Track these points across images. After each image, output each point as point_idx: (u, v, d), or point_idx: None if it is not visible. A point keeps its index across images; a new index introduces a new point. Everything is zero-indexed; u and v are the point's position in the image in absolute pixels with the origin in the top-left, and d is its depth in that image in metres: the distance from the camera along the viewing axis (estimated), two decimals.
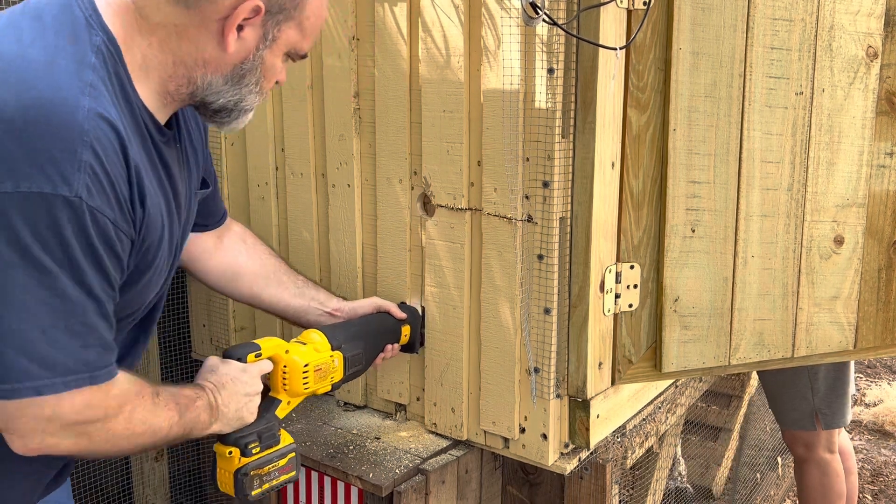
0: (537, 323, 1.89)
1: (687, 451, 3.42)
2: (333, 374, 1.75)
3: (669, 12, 1.87)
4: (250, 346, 1.59)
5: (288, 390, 1.66)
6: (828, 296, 2.13)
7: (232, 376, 1.52)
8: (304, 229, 2.30)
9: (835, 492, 2.91)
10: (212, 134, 2.46)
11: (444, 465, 2.02)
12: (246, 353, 1.58)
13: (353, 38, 2.09)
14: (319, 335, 1.74)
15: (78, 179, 1.11)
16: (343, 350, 1.77)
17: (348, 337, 1.80)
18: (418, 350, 2.03)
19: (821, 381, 2.78)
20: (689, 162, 1.94)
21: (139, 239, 1.26)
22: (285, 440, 1.65)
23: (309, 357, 1.69)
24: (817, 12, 1.97)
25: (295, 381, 1.66)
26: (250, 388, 1.54)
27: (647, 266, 1.98)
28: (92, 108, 1.13)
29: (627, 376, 2.02)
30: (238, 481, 1.55)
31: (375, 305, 1.97)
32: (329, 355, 1.73)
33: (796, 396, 2.81)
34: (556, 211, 1.83)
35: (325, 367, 1.72)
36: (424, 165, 2.00)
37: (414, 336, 2.00)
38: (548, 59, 1.77)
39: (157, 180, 1.32)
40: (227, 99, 1.33)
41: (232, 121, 1.38)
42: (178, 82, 1.29)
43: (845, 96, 2.05)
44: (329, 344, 1.74)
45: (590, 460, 2.06)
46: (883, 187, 2.14)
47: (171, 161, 1.37)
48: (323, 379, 1.72)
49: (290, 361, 1.65)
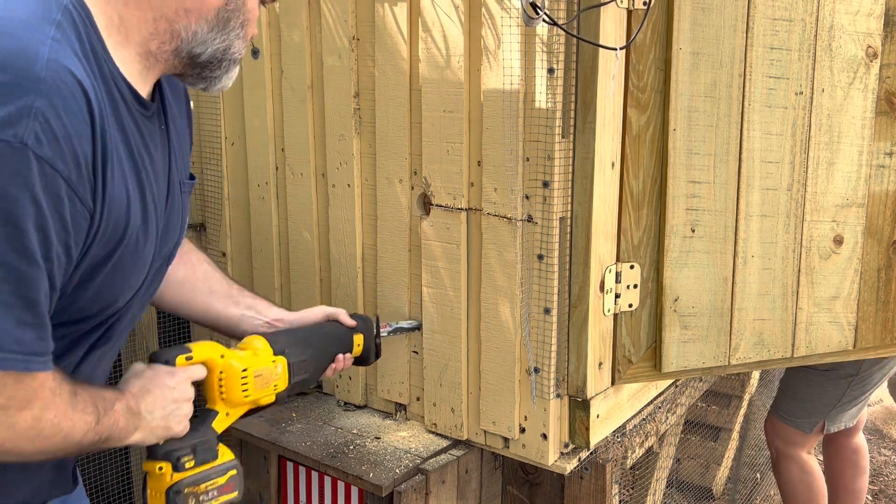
0: (537, 323, 1.89)
1: (687, 451, 3.42)
2: (277, 382, 1.55)
3: (669, 12, 1.87)
4: (180, 348, 1.42)
5: (226, 399, 1.47)
6: (827, 296, 2.14)
7: (158, 381, 1.34)
8: (304, 229, 2.30)
9: (815, 490, 2.91)
10: (212, 134, 2.47)
11: (444, 464, 2.02)
12: (174, 356, 1.39)
13: (354, 38, 2.09)
14: (260, 340, 1.57)
15: (25, 126, 0.98)
16: (287, 355, 1.58)
17: (293, 342, 1.62)
18: (372, 361, 1.85)
19: (844, 409, 2.78)
20: (689, 162, 1.94)
21: (101, 215, 1.10)
22: (225, 456, 1.48)
23: (248, 362, 1.50)
24: (817, 12, 1.98)
25: (233, 389, 1.47)
26: (178, 393, 1.36)
27: (647, 266, 1.98)
28: (53, 60, 1.02)
29: (627, 376, 2.02)
30: (170, 501, 1.37)
31: (324, 313, 1.80)
32: (271, 360, 1.55)
33: (819, 401, 2.78)
34: (556, 211, 1.83)
35: (267, 372, 1.53)
36: (424, 165, 2.00)
37: (368, 347, 1.82)
38: (548, 59, 1.77)
39: (133, 153, 1.19)
40: (216, 47, 1.24)
41: (222, 75, 1.28)
42: (160, 39, 1.19)
43: (845, 96, 2.05)
44: (271, 348, 1.56)
45: (590, 460, 2.06)
46: (882, 187, 2.14)
47: (151, 137, 1.27)
48: (265, 386, 1.53)
49: (226, 366, 1.46)
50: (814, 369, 2.74)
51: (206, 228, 2.57)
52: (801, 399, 2.84)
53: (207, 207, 2.54)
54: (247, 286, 1.79)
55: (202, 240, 2.58)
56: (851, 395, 2.76)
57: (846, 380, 2.73)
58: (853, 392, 2.76)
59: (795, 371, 2.86)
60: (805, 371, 2.79)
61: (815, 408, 2.80)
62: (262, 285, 2.44)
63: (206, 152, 2.50)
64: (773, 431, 2.94)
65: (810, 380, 2.79)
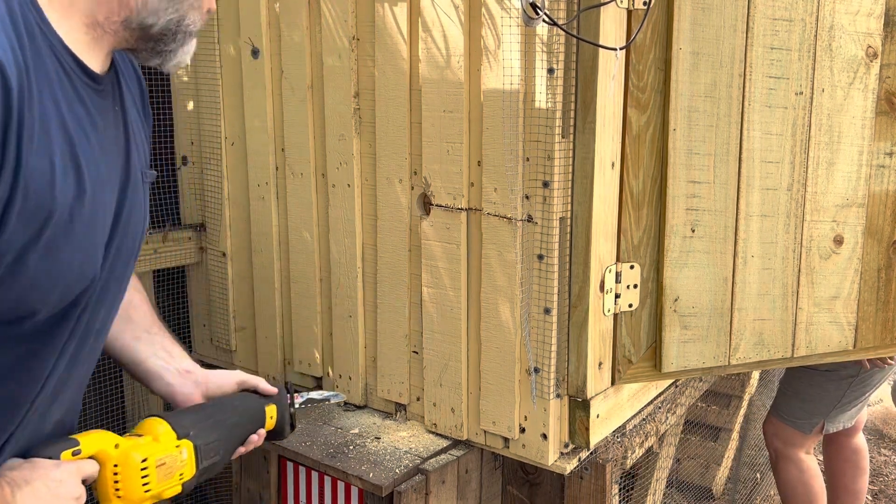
0: (537, 323, 1.89)
1: (687, 451, 3.42)
2: (183, 470, 1.35)
3: (669, 12, 1.87)
4: (65, 441, 1.21)
5: (123, 496, 1.26)
6: (827, 296, 2.13)
7: (40, 472, 1.14)
8: (304, 229, 2.30)
9: (814, 491, 2.90)
10: (212, 134, 2.47)
11: (444, 464, 2.02)
12: (59, 451, 1.18)
13: (353, 38, 2.09)
14: (161, 423, 1.35)
15: None
16: (192, 438, 1.37)
17: (198, 421, 1.41)
18: (287, 435, 1.63)
19: (844, 409, 2.77)
20: (689, 162, 1.94)
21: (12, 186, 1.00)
22: None
23: (148, 450, 1.29)
24: (817, 12, 1.98)
25: (131, 484, 1.26)
26: (65, 489, 1.14)
27: (647, 266, 1.98)
28: None
29: (627, 376, 2.02)
30: None
31: (238, 381, 1.57)
32: (175, 445, 1.34)
33: (820, 402, 2.78)
34: (556, 211, 1.83)
35: (171, 460, 1.33)
36: (424, 165, 2.00)
37: (282, 419, 1.59)
38: (548, 59, 1.77)
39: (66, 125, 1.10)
40: (169, 17, 1.16)
41: (177, 48, 1.20)
42: (108, 8, 1.12)
43: (845, 96, 2.05)
44: (174, 432, 1.35)
45: (590, 460, 2.06)
46: (882, 187, 2.14)
47: (102, 114, 1.18)
48: (169, 476, 1.32)
49: (122, 457, 1.26)
50: (815, 370, 2.74)
51: (206, 228, 2.57)
52: (801, 399, 2.83)
53: (207, 207, 2.54)
54: (170, 331, 1.59)
55: (202, 239, 2.58)
56: (851, 396, 2.76)
57: (846, 380, 2.73)
58: (853, 393, 2.76)
59: (796, 371, 2.85)
60: (806, 371, 2.79)
61: (816, 408, 2.80)
62: (262, 285, 2.44)
63: (206, 152, 2.50)
64: (772, 432, 2.94)
65: (811, 380, 2.79)
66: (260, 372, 2.51)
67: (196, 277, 2.64)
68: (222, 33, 2.39)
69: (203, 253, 2.59)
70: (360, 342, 2.24)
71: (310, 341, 2.36)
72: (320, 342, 2.34)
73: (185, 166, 2.58)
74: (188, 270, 2.66)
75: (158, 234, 2.50)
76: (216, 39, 2.40)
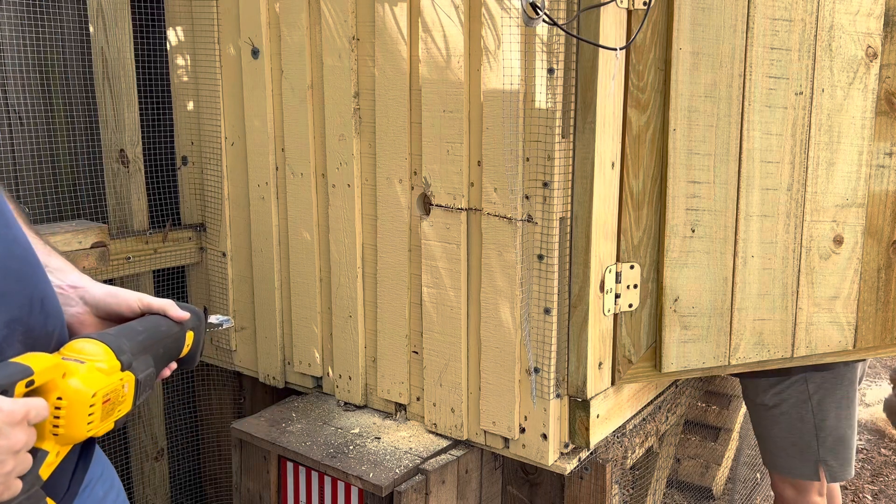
0: (537, 323, 1.89)
1: (687, 451, 3.42)
2: (121, 406, 1.13)
3: (669, 12, 1.87)
4: (15, 366, 0.97)
5: (61, 435, 1.03)
6: (827, 296, 2.14)
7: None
8: (304, 229, 2.30)
9: None
10: (212, 134, 2.47)
11: (444, 464, 2.02)
12: (13, 382, 0.95)
13: (353, 38, 2.09)
14: (100, 346, 1.11)
15: None
16: (134, 370, 1.16)
17: (138, 349, 1.18)
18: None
19: (826, 430, 2.47)
20: (689, 162, 1.94)
21: None
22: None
23: (97, 383, 1.07)
24: (817, 12, 1.98)
25: (75, 421, 1.04)
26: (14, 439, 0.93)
27: (647, 266, 1.98)
28: None
29: (627, 376, 2.02)
30: None
31: (144, 304, 1.28)
32: (119, 378, 1.12)
33: (798, 442, 2.50)
34: (556, 211, 1.83)
35: (115, 396, 1.11)
36: (424, 165, 2.00)
37: (195, 346, 1.37)
38: (548, 59, 1.77)
39: None
40: None
41: None
42: None
43: (845, 96, 2.05)
44: (118, 361, 1.12)
45: (590, 460, 2.06)
46: (882, 187, 2.14)
47: None
48: (109, 414, 1.11)
49: (71, 391, 1.03)
50: (763, 408, 2.53)
51: (206, 228, 2.57)
52: (778, 446, 2.58)
53: (207, 207, 2.54)
54: (49, 242, 1.31)
55: (202, 239, 2.59)
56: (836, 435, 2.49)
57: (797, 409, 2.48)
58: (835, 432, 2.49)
59: (760, 425, 2.63)
60: (769, 418, 2.55)
61: (798, 450, 2.53)
62: (262, 285, 2.44)
63: (206, 152, 2.50)
64: (779, 484, 2.67)
65: (776, 425, 2.55)
66: (260, 372, 2.52)
67: (196, 277, 2.64)
68: (222, 33, 2.39)
69: (203, 253, 2.59)
70: (360, 342, 2.24)
71: (310, 341, 2.36)
72: (320, 342, 2.34)
73: (185, 166, 2.58)
74: (188, 270, 2.66)
75: (158, 234, 2.50)
76: (216, 39, 2.40)
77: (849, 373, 2.44)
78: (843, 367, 2.41)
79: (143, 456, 2.71)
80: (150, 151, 2.60)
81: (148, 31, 2.57)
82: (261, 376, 2.52)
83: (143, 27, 2.55)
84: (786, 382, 2.44)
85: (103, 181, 2.52)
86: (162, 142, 2.63)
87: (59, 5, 2.43)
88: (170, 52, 2.54)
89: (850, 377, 2.45)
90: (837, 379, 2.44)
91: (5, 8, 2.30)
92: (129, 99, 2.46)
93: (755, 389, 2.54)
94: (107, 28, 2.41)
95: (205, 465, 2.89)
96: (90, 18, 2.41)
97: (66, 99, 2.49)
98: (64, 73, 2.47)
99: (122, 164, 2.48)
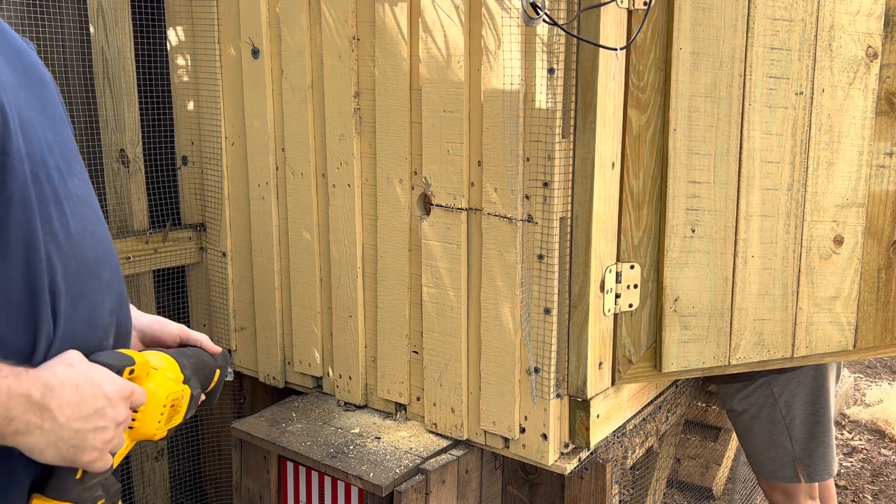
0: (537, 323, 1.89)
1: (687, 451, 3.42)
2: (177, 416, 1.23)
3: (669, 12, 1.87)
4: (125, 356, 1.10)
5: (135, 429, 1.12)
6: (827, 296, 2.13)
7: (95, 378, 0.99)
8: (304, 229, 2.30)
9: None
10: (212, 134, 2.47)
11: (444, 464, 2.02)
12: (124, 366, 1.07)
13: (354, 38, 2.09)
14: (168, 360, 1.22)
15: None
16: (191, 385, 1.25)
17: (191, 371, 1.27)
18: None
19: (798, 428, 2.47)
20: (689, 162, 1.94)
21: None
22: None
23: (170, 388, 1.18)
24: (817, 12, 1.98)
25: (149, 419, 1.13)
26: (114, 411, 1.00)
27: (647, 266, 1.98)
28: None
29: (627, 376, 2.02)
30: None
31: (183, 336, 1.37)
32: (181, 388, 1.22)
33: (773, 444, 2.49)
34: (556, 211, 1.83)
35: (178, 404, 1.21)
36: (425, 165, 2.00)
37: (220, 382, 1.42)
38: (548, 59, 1.77)
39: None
40: None
41: None
42: None
43: (845, 96, 2.05)
44: (182, 374, 1.23)
45: (590, 460, 2.06)
46: (882, 187, 2.14)
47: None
48: (170, 420, 1.21)
49: (149, 389, 1.13)
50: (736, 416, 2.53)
51: (206, 228, 2.57)
52: (757, 450, 2.57)
53: (207, 207, 2.54)
54: None
55: (202, 239, 2.59)
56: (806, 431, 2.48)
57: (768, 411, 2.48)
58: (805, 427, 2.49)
59: (740, 432, 2.62)
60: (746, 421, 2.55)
61: (773, 451, 2.52)
62: (262, 285, 2.44)
63: (206, 152, 2.50)
64: (768, 490, 2.67)
65: (751, 428, 2.54)
66: (260, 372, 2.52)
67: (196, 277, 2.64)
68: (222, 33, 2.39)
69: (203, 253, 2.59)
70: (360, 342, 2.24)
71: (310, 341, 2.36)
72: (320, 342, 2.34)
73: (186, 166, 2.58)
74: (188, 270, 2.66)
75: (158, 233, 2.50)
76: (216, 39, 2.40)
77: (814, 369, 2.42)
78: (808, 365, 2.38)
79: (143, 456, 2.71)
80: (151, 151, 2.60)
81: (148, 31, 2.57)
82: (261, 376, 2.52)
83: (144, 27, 2.55)
84: (751, 387, 2.45)
85: (103, 181, 2.52)
86: (162, 142, 2.63)
87: (59, 5, 2.42)
88: (170, 51, 2.54)
89: (817, 373, 2.44)
90: (803, 377, 2.43)
91: (5, 8, 2.30)
92: (130, 99, 2.46)
93: (724, 396, 2.56)
94: (107, 28, 2.41)
95: (205, 464, 2.89)
96: (90, 18, 2.41)
97: (67, 99, 2.49)
98: (64, 72, 2.47)
99: (123, 163, 2.48)
